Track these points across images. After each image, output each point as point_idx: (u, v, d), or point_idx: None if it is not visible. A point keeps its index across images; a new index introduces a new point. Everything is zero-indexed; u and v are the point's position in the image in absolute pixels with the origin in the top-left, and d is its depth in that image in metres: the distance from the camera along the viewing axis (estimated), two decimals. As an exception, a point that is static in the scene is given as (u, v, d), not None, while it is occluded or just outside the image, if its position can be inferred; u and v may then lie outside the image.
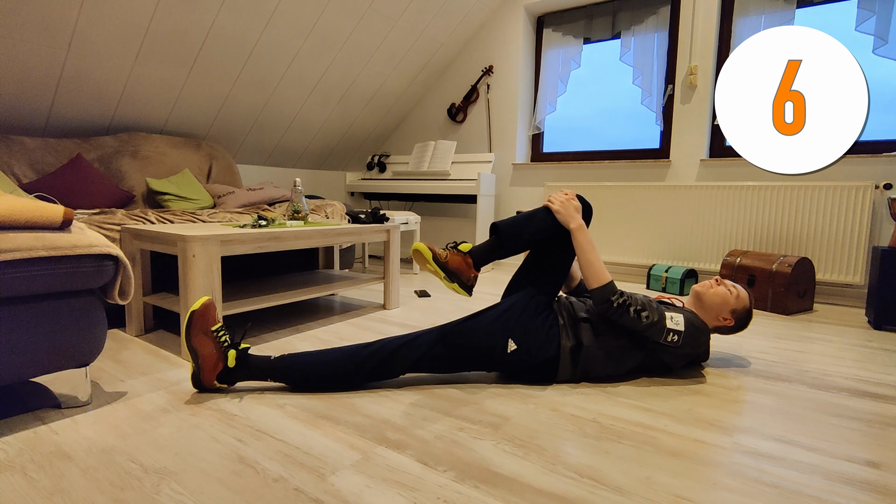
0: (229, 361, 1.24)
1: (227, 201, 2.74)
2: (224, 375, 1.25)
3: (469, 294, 1.36)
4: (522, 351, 1.32)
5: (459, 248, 1.39)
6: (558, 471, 0.94)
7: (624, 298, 1.30)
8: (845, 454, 1.02)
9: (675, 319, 1.32)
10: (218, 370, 1.24)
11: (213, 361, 1.23)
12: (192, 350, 1.23)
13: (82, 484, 0.86)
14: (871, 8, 2.45)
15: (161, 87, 2.71)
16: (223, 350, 1.25)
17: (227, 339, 1.27)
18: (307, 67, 3.17)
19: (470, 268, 1.36)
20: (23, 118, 2.44)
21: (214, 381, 1.25)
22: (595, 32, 3.36)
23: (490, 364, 1.33)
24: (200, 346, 1.23)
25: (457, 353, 1.31)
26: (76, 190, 2.30)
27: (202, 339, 1.23)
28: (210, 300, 1.26)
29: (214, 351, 1.24)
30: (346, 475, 0.91)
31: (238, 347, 1.27)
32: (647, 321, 1.29)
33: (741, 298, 1.48)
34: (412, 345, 1.31)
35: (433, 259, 1.32)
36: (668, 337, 1.31)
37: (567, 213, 1.39)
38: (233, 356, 1.25)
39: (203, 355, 1.23)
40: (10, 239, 0.99)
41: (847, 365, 1.60)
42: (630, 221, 3.13)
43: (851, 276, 2.49)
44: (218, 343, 1.24)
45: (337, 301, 2.41)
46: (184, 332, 1.24)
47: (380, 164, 4.03)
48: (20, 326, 1.03)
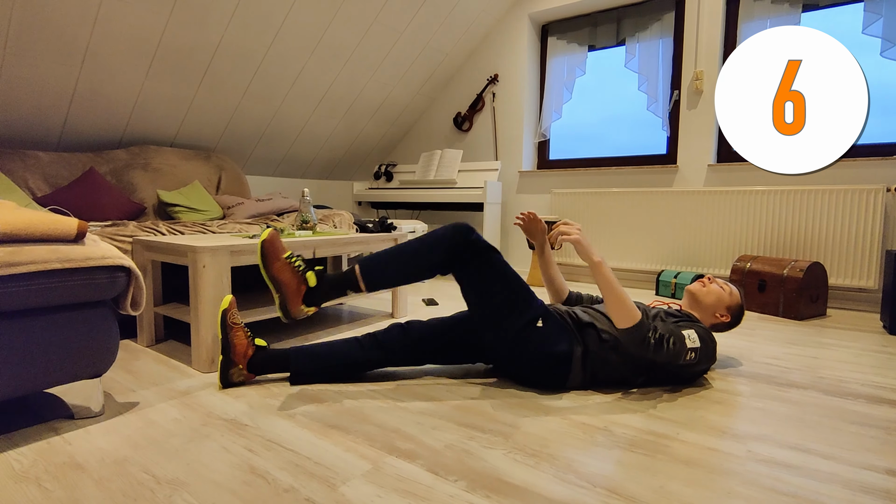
0: (310, 282, 1.25)
1: (236, 212, 2.77)
2: (309, 297, 1.25)
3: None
4: (545, 333, 1.30)
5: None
6: (570, 480, 0.93)
7: (659, 334, 1.23)
8: (864, 463, 1.00)
9: (692, 337, 1.28)
10: (302, 293, 1.24)
11: (295, 286, 1.24)
12: (273, 280, 1.23)
13: (95, 494, 0.86)
14: (878, 10, 2.44)
15: (171, 101, 2.76)
16: (301, 274, 1.25)
17: (301, 262, 1.27)
18: (314, 80, 3.21)
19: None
20: (38, 133, 2.49)
21: (301, 305, 1.25)
22: (600, 40, 3.38)
23: (512, 331, 1.30)
24: (279, 273, 1.23)
25: (490, 312, 1.32)
26: (89, 202, 2.33)
27: (279, 267, 1.23)
28: (274, 230, 1.27)
29: (293, 276, 1.24)
30: (357, 485, 0.90)
31: (315, 268, 1.28)
32: (676, 348, 1.24)
33: (734, 295, 1.53)
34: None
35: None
36: (688, 356, 1.27)
37: (587, 243, 1.26)
38: (312, 276, 1.25)
39: (284, 282, 1.23)
40: (26, 252, 1.00)
41: (863, 371, 1.57)
42: (638, 227, 3.11)
43: (865, 281, 2.45)
44: (294, 268, 1.25)
45: (345, 310, 2.41)
46: (261, 265, 1.24)
47: (387, 173, 4.05)
48: (35, 338, 1.05)
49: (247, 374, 1.36)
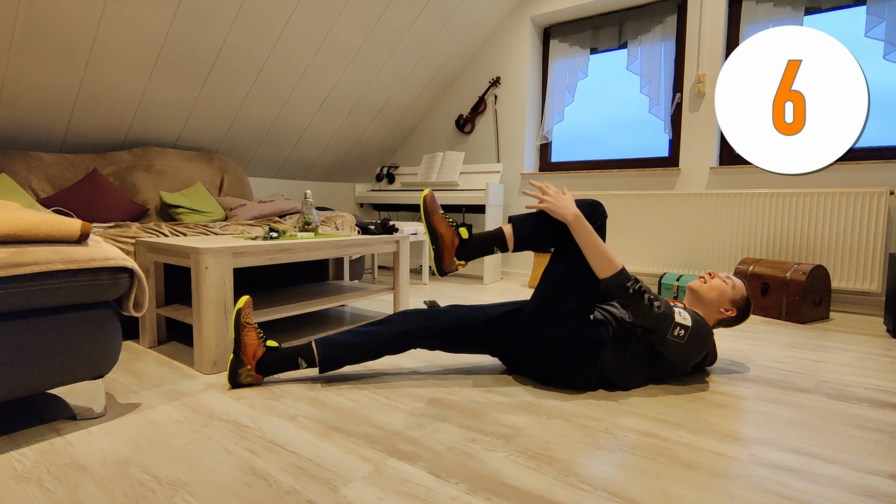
0: (463, 234, 1.36)
1: (238, 214, 2.78)
2: (460, 251, 1.35)
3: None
4: (591, 323, 1.33)
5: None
6: (572, 483, 0.92)
7: (640, 285, 1.27)
8: (868, 467, 1.00)
9: (683, 315, 1.31)
10: (455, 246, 1.35)
11: (450, 238, 1.35)
12: (433, 231, 1.34)
13: (97, 495, 0.86)
14: (881, 14, 2.44)
15: (174, 103, 2.77)
16: (455, 228, 1.36)
17: (453, 220, 1.38)
18: (316, 82, 3.22)
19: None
20: (41, 135, 2.50)
21: (454, 258, 1.35)
22: (601, 42, 3.38)
23: (567, 310, 1.30)
24: (438, 224, 1.35)
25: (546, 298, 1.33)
26: (92, 204, 2.34)
27: (438, 219, 1.35)
28: (430, 191, 1.39)
29: (448, 228, 1.35)
30: (359, 487, 0.90)
31: (464, 223, 1.39)
32: (659, 311, 1.27)
33: (738, 287, 1.49)
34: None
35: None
36: (674, 331, 1.28)
37: (560, 203, 1.31)
38: (464, 230, 1.36)
39: (441, 233, 1.34)
40: (29, 253, 1.01)
41: (867, 375, 1.57)
42: (640, 230, 3.11)
43: (868, 284, 2.44)
44: (448, 222, 1.36)
45: (347, 312, 2.42)
46: (423, 216, 1.36)
47: (389, 175, 4.06)
48: (38, 339, 1.05)
49: (255, 375, 1.37)
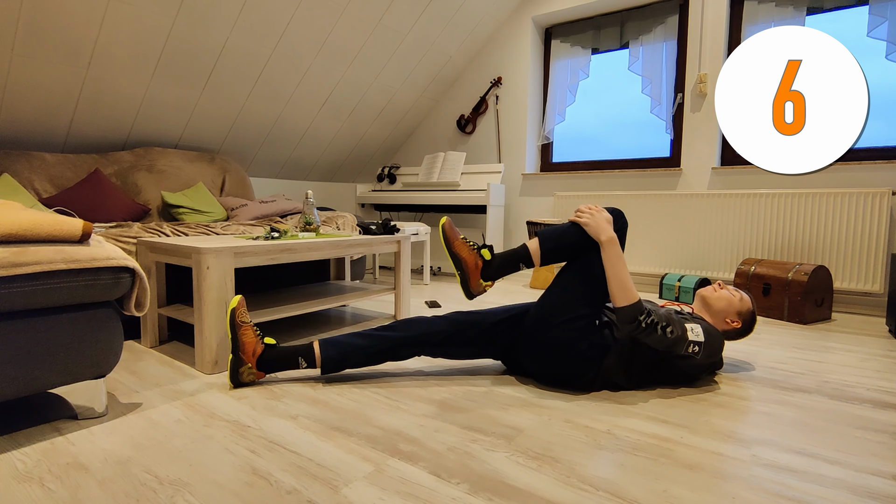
0: (485, 256, 1.38)
1: (240, 214, 2.78)
2: (485, 272, 1.38)
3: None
4: (597, 328, 1.34)
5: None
6: (573, 483, 0.92)
7: (652, 318, 1.26)
8: (871, 468, 0.99)
9: (696, 331, 1.32)
10: (479, 269, 1.37)
11: (473, 261, 1.37)
12: (455, 256, 1.36)
13: (98, 495, 0.87)
14: (883, 13, 2.43)
15: (176, 103, 2.77)
16: (476, 251, 1.38)
17: (474, 242, 1.41)
18: (318, 83, 3.22)
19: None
20: (43, 135, 2.51)
21: (480, 279, 1.37)
22: (603, 43, 3.38)
23: (576, 315, 1.31)
24: (459, 249, 1.37)
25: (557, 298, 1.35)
26: (94, 204, 2.35)
27: (459, 245, 1.37)
28: (447, 218, 1.40)
29: (470, 252, 1.38)
30: (360, 487, 0.90)
31: (485, 244, 1.41)
32: (673, 336, 1.28)
33: (745, 300, 1.52)
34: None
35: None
36: (689, 349, 1.30)
37: (597, 224, 1.34)
38: (486, 251, 1.38)
39: (464, 258, 1.36)
40: (31, 252, 1.01)
41: (869, 375, 1.56)
42: (641, 230, 3.10)
43: (870, 285, 2.44)
44: (469, 246, 1.38)
45: (348, 312, 2.42)
46: (444, 244, 1.38)
47: (390, 175, 4.06)
48: (39, 338, 1.05)
49: (257, 372, 1.37)
